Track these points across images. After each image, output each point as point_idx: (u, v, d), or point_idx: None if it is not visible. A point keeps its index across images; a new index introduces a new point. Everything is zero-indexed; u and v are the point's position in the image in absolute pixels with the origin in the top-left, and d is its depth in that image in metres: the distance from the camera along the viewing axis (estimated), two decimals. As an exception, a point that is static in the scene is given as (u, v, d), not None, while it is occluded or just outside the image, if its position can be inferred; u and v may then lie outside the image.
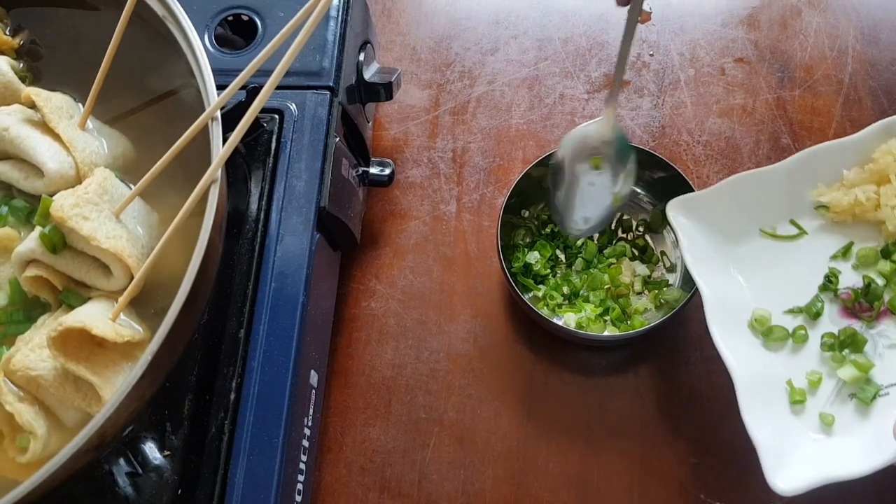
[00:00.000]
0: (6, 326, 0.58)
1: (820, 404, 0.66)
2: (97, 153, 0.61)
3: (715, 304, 0.66)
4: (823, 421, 0.64)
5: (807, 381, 0.67)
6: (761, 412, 0.62)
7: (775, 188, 0.72)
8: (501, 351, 0.77)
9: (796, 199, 0.73)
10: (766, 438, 0.61)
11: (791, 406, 0.66)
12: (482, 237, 0.81)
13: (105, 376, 0.52)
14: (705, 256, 0.69)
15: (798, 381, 0.66)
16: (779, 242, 0.73)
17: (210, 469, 0.60)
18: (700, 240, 0.70)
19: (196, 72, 0.58)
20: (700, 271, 0.68)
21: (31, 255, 0.55)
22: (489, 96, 0.88)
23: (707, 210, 0.71)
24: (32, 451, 0.53)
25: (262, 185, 0.69)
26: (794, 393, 0.66)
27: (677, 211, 0.70)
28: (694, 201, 0.71)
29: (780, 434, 0.63)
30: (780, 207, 0.73)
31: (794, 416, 0.65)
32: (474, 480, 0.71)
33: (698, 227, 0.70)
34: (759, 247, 0.72)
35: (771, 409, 0.64)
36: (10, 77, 0.63)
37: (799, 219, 0.73)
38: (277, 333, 0.64)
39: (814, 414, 0.65)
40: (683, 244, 0.69)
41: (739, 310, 0.69)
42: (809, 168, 0.71)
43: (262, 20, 0.75)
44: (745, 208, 0.72)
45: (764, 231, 0.73)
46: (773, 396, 0.65)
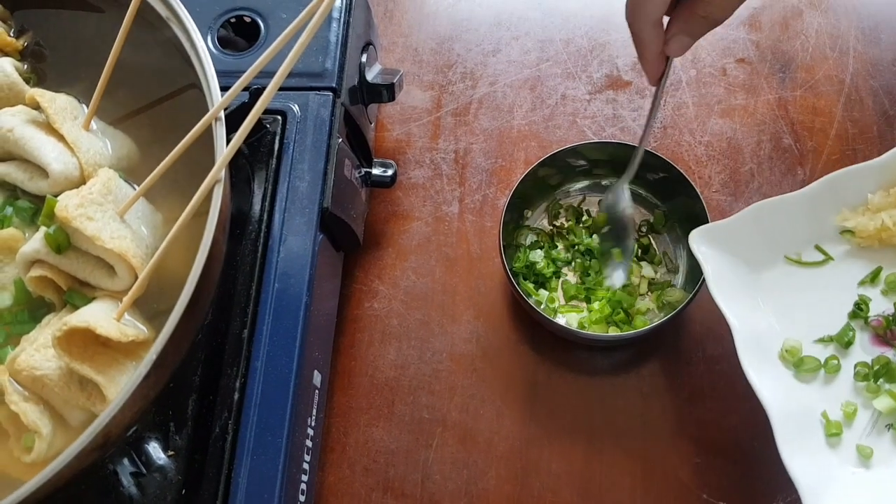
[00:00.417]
0: (11, 326, 0.58)
1: (856, 436, 0.65)
2: (101, 154, 0.61)
3: (744, 336, 0.65)
4: (861, 453, 0.64)
5: (842, 412, 0.65)
6: (798, 447, 0.61)
7: (799, 214, 0.70)
8: (504, 351, 0.77)
9: (820, 225, 0.71)
10: (806, 474, 0.60)
11: (827, 439, 0.64)
12: (484, 238, 0.82)
13: (109, 375, 0.52)
14: (731, 287, 0.68)
15: (833, 413, 0.65)
16: (805, 269, 0.71)
17: (214, 469, 0.60)
18: (725, 270, 0.68)
19: (199, 73, 0.58)
20: (728, 303, 0.66)
21: (36, 255, 0.55)
22: (491, 97, 0.89)
23: (730, 239, 0.69)
24: (37, 450, 0.53)
25: (266, 185, 0.69)
26: (829, 426, 0.64)
27: (700, 241, 0.68)
28: (716, 231, 0.69)
29: (819, 469, 0.61)
30: (805, 233, 0.71)
31: (831, 448, 0.64)
32: (477, 480, 0.72)
33: (722, 257, 0.69)
34: (785, 274, 0.71)
35: (807, 443, 0.63)
36: (14, 78, 0.63)
37: (824, 244, 0.72)
38: (281, 334, 0.64)
39: (851, 446, 0.64)
40: (709, 276, 0.67)
41: (768, 340, 0.68)
42: (833, 192, 0.70)
43: (265, 22, 0.75)
44: (768, 235, 0.70)
45: (789, 258, 0.72)
46: (808, 430, 0.64)
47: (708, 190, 0.81)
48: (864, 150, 0.82)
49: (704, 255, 0.68)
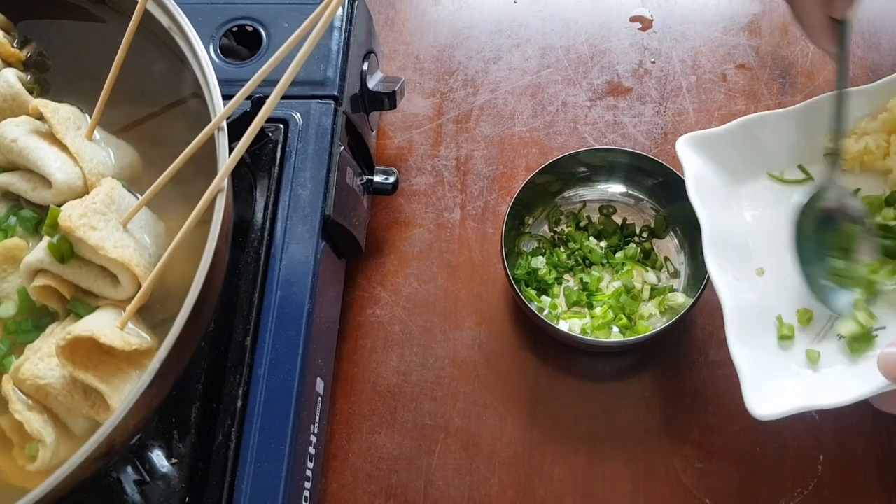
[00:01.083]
0: (15, 336, 0.58)
1: (808, 341, 0.66)
2: (104, 163, 0.62)
3: (713, 234, 0.66)
4: (809, 357, 0.65)
5: (797, 317, 0.67)
6: (747, 341, 0.63)
7: (786, 132, 0.72)
8: (506, 357, 0.77)
9: (806, 145, 0.72)
10: (749, 365, 0.61)
11: (778, 341, 0.66)
12: (486, 244, 0.82)
13: (113, 384, 0.52)
14: (710, 191, 0.69)
15: (788, 318, 0.67)
16: (785, 186, 0.72)
17: (217, 476, 0.60)
18: (707, 175, 0.70)
19: (202, 82, 0.59)
20: (704, 205, 0.67)
21: (40, 264, 0.56)
22: (492, 104, 0.89)
23: (716, 148, 0.71)
24: (41, 459, 0.53)
25: (268, 193, 0.69)
26: (782, 328, 0.66)
27: (686, 146, 0.70)
28: (704, 138, 0.70)
29: (764, 363, 0.63)
30: (789, 152, 0.73)
31: (781, 350, 0.65)
32: (480, 486, 0.72)
33: (706, 164, 0.70)
34: (765, 188, 0.72)
35: (757, 339, 0.64)
36: (17, 89, 0.64)
37: (807, 164, 0.73)
38: (283, 341, 0.64)
39: (800, 350, 0.65)
40: (689, 179, 0.68)
41: (738, 243, 0.69)
42: (822, 114, 0.71)
43: (267, 31, 0.76)
44: (754, 150, 0.72)
45: (771, 174, 0.73)
46: (761, 329, 0.66)
47: (709, 195, 0.82)
48: (864, 154, 0.82)
49: (688, 159, 0.69)
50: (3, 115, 0.63)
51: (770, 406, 0.59)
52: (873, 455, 0.70)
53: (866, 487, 0.69)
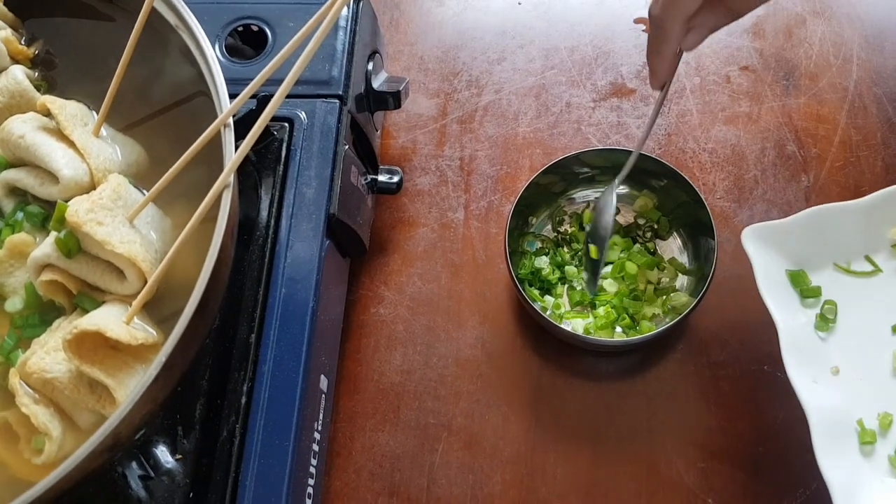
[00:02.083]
0: (22, 330, 0.59)
1: (890, 447, 0.65)
2: (111, 160, 0.62)
3: (788, 335, 0.65)
4: (893, 464, 0.64)
5: (878, 422, 0.66)
6: (832, 450, 0.61)
7: (853, 223, 0.70)
8: (509, 357, 0.77)
9: (874, 237, 0.71)
10: (838, 476, 0.60)
11: (861, 447, 0.65)
12: (490, 244, 0.82)
13: (119, 378, 0.52)
14: (778, 286, 0.68)
15: (869, 422, 0.66)
16: (852, 278, 0.71)
17: (221, 473, 0.60)
18: (773, 270, 0.69)
19: (208, 80, 0.59)
20: (774, 302, 0.66)
21: (47, 259, 0.56)
22: (496, 105, 0.89)
23: (781, 240, 0.69)
24: (47, 452, 0.53)
25: (273, 192, 0.69)
26: (864, 434, 0.65)
27: (752, 239, 0.69)
28: (769, 230, 0.69)
29: (850, 473, 0.62)
30: (857, 243, 0.71)
31: (864, 456, 0.64)
32: (483, 485, 0.72)
33: (771, 256, 0.69)
34: (832, 281, 0.71)
35: (841, 447, 0.63)
36: (25, 86, 0.64)
37: (875, 256, 0.72)
38: (288, 338, 0.64)
39: (883, 456, 0.64)
40: (759, 273, 0.67)
41: (811, 341, 0.68)
42: (891, 206, 0.70)
43: (272, 30, 0.76)
44: (820, 241, 0.70)
45: (838, 265, 0.72)
46: (842, 435, 0.64)
47: (712, 196, 0.82)
48: (867, 157, 0.82)
49: (756, 251, 0.68)
50: (10, 112, 0.64)
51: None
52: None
53: None
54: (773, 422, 0.72)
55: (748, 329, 0.76)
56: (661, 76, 0.64)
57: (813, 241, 0.70)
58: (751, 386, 0.73)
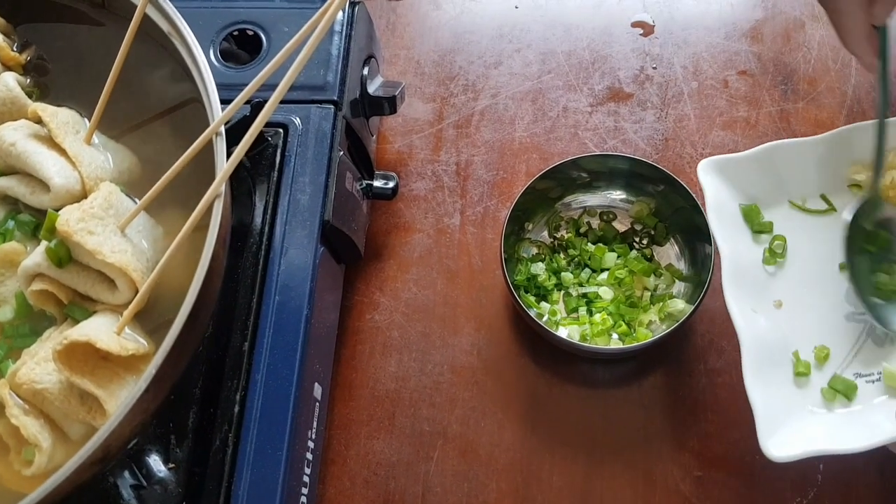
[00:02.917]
0: (12, 340, 0.58)
1: (824, 379, 0.65)
2: (103, 168, 0.62)
3: (731, 264, 0.65)
4: (825, 396, 0.64)
5: (814, 354, 0.66)
6: (763, 378, 0.62)
7: (811, 160, 0.71)
8: (505, 364, 0.77)
9: (830, 175, 0.72)
10: (765, 404, 0.61)
11: (794, 378, 0.65)
12: (486, 250, 0.82)
13: (110, 389, 0.52)
14: (729, 218, 0.69)
15: (804, 354, 0.66)
16: (806, 216, 0.72)
17: (214, 482, 0.60)
18: (727, 201, 0.69)
19: (201, 88, 0.59)
20: (722, 232, 0.67)
21: (37, 269, 0.56)
22: (493, 109, 0.89)
23: (738, 173, 0.70)
24: (37, 463, 0.53)
25: (267, 198, 0.69)
26: (798, 364, 0.65)
27: (707, 171, 0.69)
28: (726, 163, 0.70)
29: (779, 402, 0.62)
30: (813, 181, 0.72)
31: (796, 387, 0.65)
32: (478, 493, 0.71)
33: (726, 188, 0.70)
34: (786, 217, 0.71)
35: (773, 376, 0.64)
36: (16, 93, 0.64)
37: (830, 195, 0.72)
38: (281, 346, 0.64)
39: (816, 388, 0.65)
40: (709, 202, 0.68)
41: (757, 273, 0.69)
42: (848, 144, 0.70)
43: (267, 35, 0.76)
44: (776, 177, 0.71)
45: (793, 203, 0.72)
46: (777, 364, 0.65)
47: (709, 202, 0.81)
48: (866, 162, 0.82)
49: (708, 183, 0.69)
50: (1, 119, 0.63)
51: (784, 448, 0.59)
52: (874, 464, 0.69)
53: (867, 497, 0.69)
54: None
55: (745, 336, 0.75)
56: (865, 56, 0.63)
57: (769, 176, 0.71)
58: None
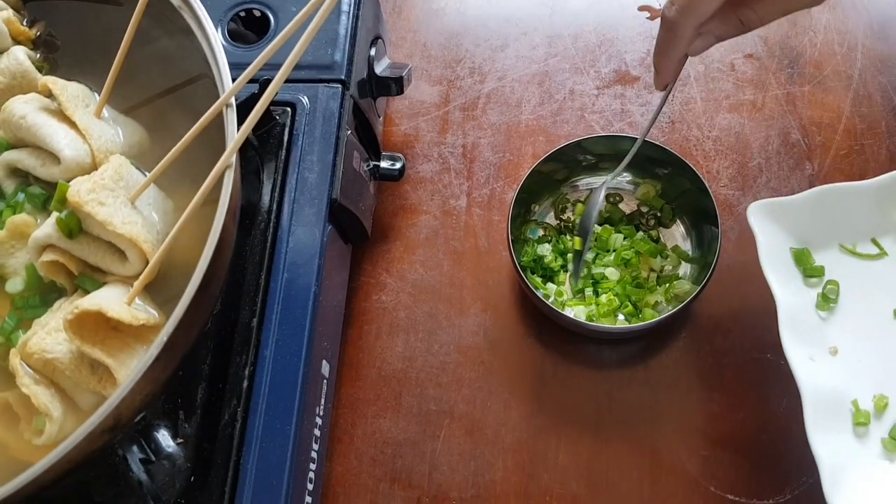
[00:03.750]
0: (23, 311, 0.58)
1: (884, 429, 0.65)
2: (113, 141, 0.62)
3: (787, 312, 0.65)
4: (886, 446, 0.64)
5: (873, 403, 0.65)
6: (824, 429, 0.61)
7: (861, 204, 0.70)
8: (511, 344, 0.77)
9: (881, 219, 0.71)
10: (829, 455, 0.60)
11: (854, 427, 0.64)
12: (492, 231, 0.82)
13: (120, 359, 0.52)
14: (781, 263, 0.68)
15: (864, 403, 0.65)
16: (857, 260, 0.71)
17: (223, 456, 0.60)
18: (778, 247, 0.69)
19: (211, 61, 0.59)
20: (776, 277, 0.66)
21: (48, 240, 0.56)
22: (499, 92, 0.89)
23: (788, 217, 0.69)
24: (48, 433, 0.53)
25: (275, 177, 0.69)
26: (858, 415, 0.65)
27: (758, 215, 0.68)
28: (775, 207, 0.69)
29: (841, 453, 0.61)
30: (864, 225, 0.71)
31: (857, 437, 0.64)
32: (484, 472, 0.72)
33: (777, 232, 0.69)
34: (836, 262, 0.71)
35: (834, 426, 0.63)
36: (27, 66, 0.64)
37: (881, 239, 0.71)
38: (289, 322, 0.64)
39: (876, 438, 0.64)
40: (762, 248, 0.67)
41: (810, 319, 0.68)
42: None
43: (275, 15, 0.76)
44: (827, 221, 0.70)
45: (844, 246, 0.71)
46: (836, 414, 0.64)
47: (716, 184, 0.82)
48: (872, 145, 0.82)
49: (760, 226, 0.68)
50: (12, 93, 0.63)
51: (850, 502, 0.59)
52: (879, 444, 0.69)
53: None
54: (776, 410, 0.71)
55: (751, 317, 0.75)
56: (665, 77, 0.65)
57: (819, 220, 0.70)
58: (754, 374, 0.73)
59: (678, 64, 0.63)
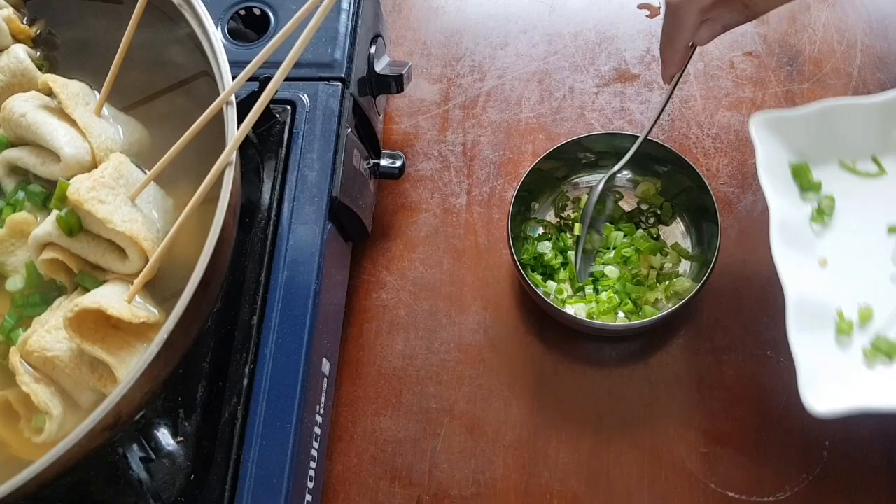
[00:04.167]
0: (23, 309, 0.58)
1: (867, 339, 0.65)
2: (113, 139, 0.62)
3: (780, 221, 0.65)
4: (867, 356, 0.64)
5: (858, 313, 0.66)
6: (806, 332, 0.62)
7: (864, 121, 0.70)
8: (512, 341, 0.77)
9: (884, 137, 0.71)
10: (806, 358, 0.60)
11: (836, 335, 0.65)
12: (492, 229, 0.82)
13: (120, 357, 0.52)
14: (779, 175, 0.68)
15: (848, 312, 0.66)
16: (856, 177, 0.71)
17: (223, 455, 0.60)
18: (777, 160, 0.69)
19: (211, 59, 0.59)
20: (772, 188, 0.66)
21: (48, 238, 0.56)
22: (499, 90, 0.89)
23: (790, 131, 0.69)
24: (48, 431, 0.53)
25: (275, 175, 0.69)
26: (842, 322, 0.65)
27: (760, 127, 0.68)
28: (779, 119, 0.69)
29: (821, 358, 0.62)
30: (865, 143, 0.71)
31: (838, 345, 0.64)
32: (484, 470, 0.72)
33: (777, 145, 0.69)
34: (835, 178, 0.71)
35: (816, 333, 0.63)
36: (27, 64, 0.64)
37: (882, 157, 0.71)
38: (290, 320, 0.64)
39: (857, 348, 0.65)
40: (760, 158, 0.67)
41: (803, 231, 0.68)
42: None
43: (275, 13, 0.76)
44: (828, 136, 0.70)
45: (843, 163, 0.71)
46: (820, 322, 0.64)
47: (715, 182, 0.82)
48: (871, 142, 0.82)
49: (761, 138, 0.68)
50: (12, 91, 0.63)
51: (825, 403, 0.58)
52: (879, 441, 0.70)
53: (872, 474, 0.69)
54: (776, 407, 0.72)
55: (751, 314, 0.75)
56: (671, 67, 0.65)
57: (821, 135, 0.70)
58: (753, 371, 0.73)
59: (684, 53, 0.63)
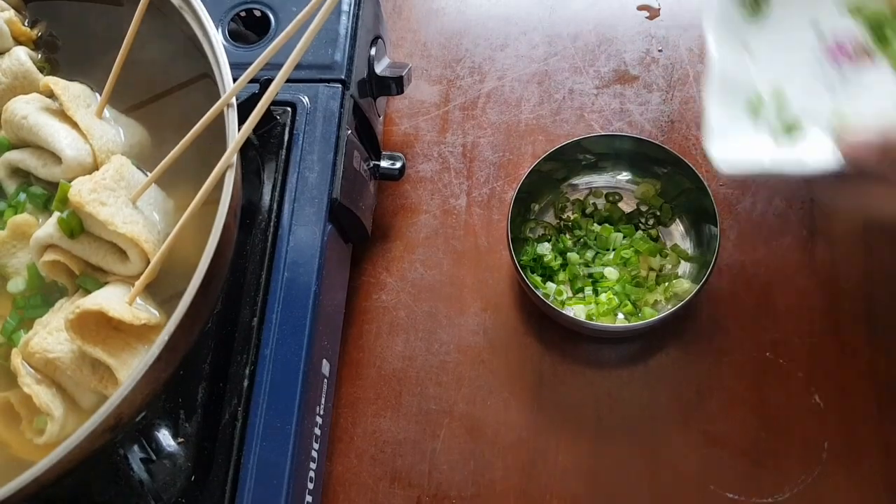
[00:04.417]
0: (24, 311, 0.59)
1: (775, 116, 0.65)
2: (114, 141, 0.62)
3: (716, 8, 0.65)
4: (774, 129, 0.64)
5: (772, 94, 0.65)
6: (721, 99, 0.63)
7: None
8: (511, 343, 0.77)
9: None
10: (717, 117, 0.61)
11: (750, 110, 0.65)
12: (492, 231, 0.82)
13: (121, 358, 0.52)
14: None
15: (764, 93, 0.65)
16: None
17: (223, 455, 0.60)
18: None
19: (212, 61, 0.59)
20: None
21: (49, 239, 0.56)
22: (499, 92, 0.89)
23: None
24: (49, 432, 0.53)
25: (275, 176, 0.69)
26: (756, 99, 0.65)
27: None
28: None
29: (731, 122, 0.63)
30: None
31: (750, 116, 0.64)
32: (484, 471, 0.72)
33: None
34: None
35: (730, 102, 0.64)
36: (28, 66, 0.64)
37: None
38: (290, 322, 0.64)
39: (766, 121, 0.64)
40: None
41: (733, 15, 0.67)
42: None
43: (275, 15, 0.76)
44: None
45: None
46: (736, 94, 0.65)
47: (715, 183, 0.81)
48: (871, 144, 0.82)
49: None
50: (13, 93, 0.64)
51: (729, 161, 0.60)
52: (878, 443, 0.70)
53: (871, 475, 0.69)
54: (775, 409, 0.72)
55: (750, 316, 0.75)
56: None
57: None
58: (753, 373, 0.73)
59: None
